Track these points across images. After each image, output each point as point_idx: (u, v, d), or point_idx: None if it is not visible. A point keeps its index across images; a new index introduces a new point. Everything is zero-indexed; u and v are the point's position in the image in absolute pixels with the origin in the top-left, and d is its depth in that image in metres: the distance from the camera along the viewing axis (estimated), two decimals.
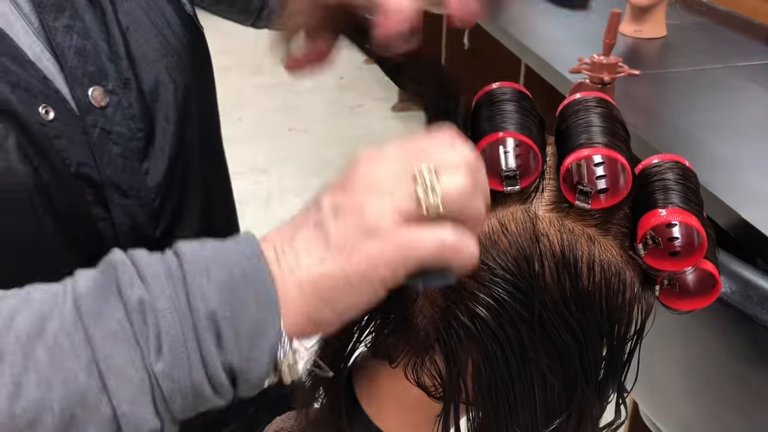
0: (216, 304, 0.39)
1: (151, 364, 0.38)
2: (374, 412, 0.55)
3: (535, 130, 0.47)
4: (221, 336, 0.39)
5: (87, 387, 0.37)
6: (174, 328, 0.38)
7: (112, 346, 0.37)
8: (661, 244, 0.48)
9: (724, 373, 0.96)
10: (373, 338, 0.56)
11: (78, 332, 0.37)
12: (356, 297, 0.41)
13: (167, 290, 0.38)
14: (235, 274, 0.39)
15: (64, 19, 0.55)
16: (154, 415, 0.38)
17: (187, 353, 0.38)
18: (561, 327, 0.47)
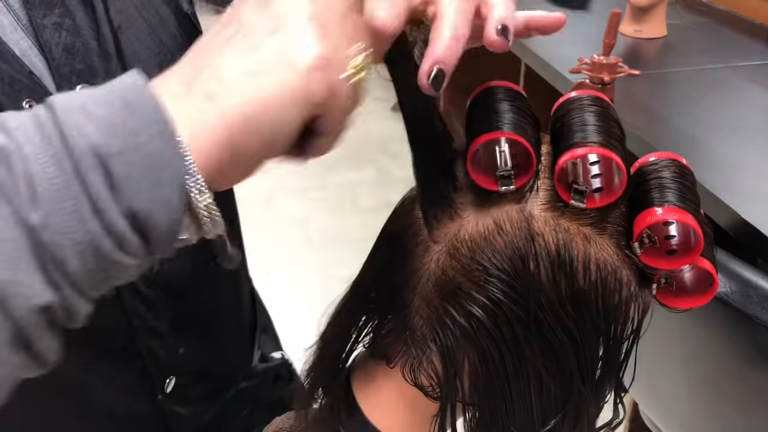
0: (99, 139, 0.32)
1: (26, 217, 0.31)
2: (372, 412, 0.55)
3: (530, 129, 0.47)
4: (111, 174, 0.33)
5: None
6: (49, 172, 0.32)
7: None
8: (657, 243, 0.48)
9: (724, 373, 0.96)
10: (371, 339, 0.56)
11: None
12: (281, 112, 0.36)
13: (36, 137, 0.32)
14: (117, 106, 0.34)
15: (54, 17, 0.55)
16: (44, 284, 0.32)
17: (71, 198, 0.32)
18: (557, 327, 0.47)
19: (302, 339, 0.61)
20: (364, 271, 0.55)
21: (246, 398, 0.81)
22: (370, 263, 0.55)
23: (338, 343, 0.56)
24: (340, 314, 0.56)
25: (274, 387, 0.86)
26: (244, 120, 0.35)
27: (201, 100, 0.35)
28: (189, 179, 0.34)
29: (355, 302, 0.55)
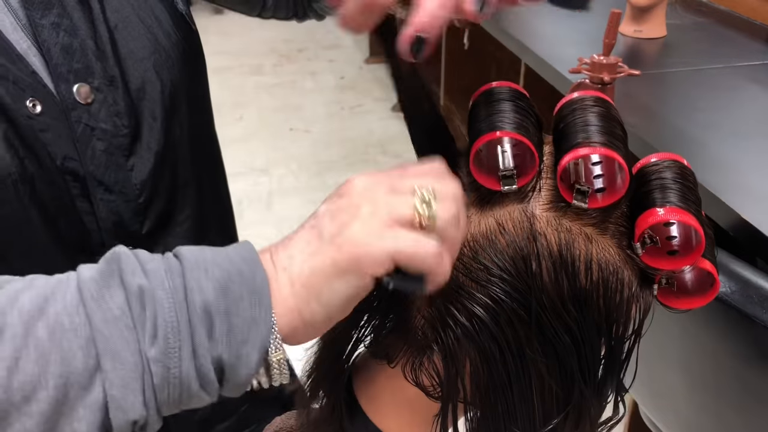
0: (211, 298, 0.40)
1: (145, 350, 0.39)
2: (373, 412, 0.55)
3: (532, 129, 0.47)
4: (214, 328, 0.40)
5: (83, 366, 0.38)
6: (170, 316, 0.39)
7: (110, 328, 0.38)
8: (659, 243, 0.48)
9: (724, 373, 0.96)
10: (372, 338, 0.56)
11: (79, 313, 0.39)
12: (345, 288, 0.42)
13: (166, 282, 0.40)
14: (232, 273, 0.41)
15: (52, 17, 0.55)
16: (141, 404, 0.39)
17: (179, 341, 0.39)
18: (559, 327, 0.47)
19: None
20: None
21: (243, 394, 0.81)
22: None
23: (339, 343, 0.56)
24: None
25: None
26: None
27: (286, 282, 0.42)
28: (271, 340, 0.41)
29: None
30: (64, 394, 0.38)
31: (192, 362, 0.40)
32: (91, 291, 0.39)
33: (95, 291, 0.39)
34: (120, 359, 0.39)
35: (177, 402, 0.41)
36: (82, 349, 0.38)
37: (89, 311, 0.39)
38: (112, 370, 0.38)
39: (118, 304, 0.39)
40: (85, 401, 0.38)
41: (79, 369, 0.38)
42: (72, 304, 0.39)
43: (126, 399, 0.39)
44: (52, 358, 0.38)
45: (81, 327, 0.38)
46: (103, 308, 0.39)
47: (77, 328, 0.38)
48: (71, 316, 0.39)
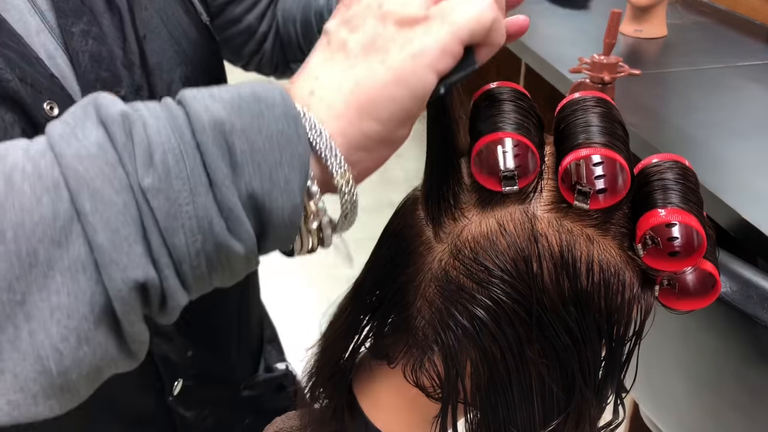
0: (224, 116, 0.32)
1: (138, 181, 0.30)
2: (373, 412, 0.55)
3: (534, 130, 0.47)
4: (233, 150, 0.31)
5: (52, 214, 0.30)
6: (168, 139, 0.31)
7: (86, 164, 0.30)
8: (660, 244, 0.48)
9: (724, 373, 0.96)
10: (372, 339, 0.56)
11: (45, 157, 0.31)
12: (401, 97, 0.35)
13: (161, 113, 0.32)
14: (244, 93, 0.33)
15: (82, 24, 0.55)
16: (145, 256, 0.31)
17: (185, 165, 0.31)
18: (559, 328, 0.47)
19: (303, 339, 0.61)
20: (366, 271, 0.55)
21: (248, 407, 0.81)
22: (371, 263, 0.55)
23: (340, 344, 0.56)
24: (341, 314, 0.56)
25: (277, 397, 0.86)
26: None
27: (320, 104, 0.35)
28: (324, 158, 0.34)
29: (356, 303, 0.55)
30: (29, 252, 0.29)
31: (210, 193, 0.31)
32: (60, 132, 0.31)
33: (64, 131, 0.31)
34: (102, 198, 0.30)
35: (202, 256, 0.32)
36: (49, 192, 0.30)
37: (58, 151, 0.31)
38: (93, 213, 0.30)
39: (94, 139, 0.31)
40: (62, 263, 0.30)
41: (47, 218, 0.30)
42: (37, 150, 0.31)
43: (119, 248, 0.30)
44: (8, 205, 0.29)
45: (47, 169, 0.30)
46: (74, 146, 0.31)
47: (42, 172, 0.30)
48: (35, 160, 0.30)
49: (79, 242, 0.30)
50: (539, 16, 1.92)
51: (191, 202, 0.31)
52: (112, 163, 0.31)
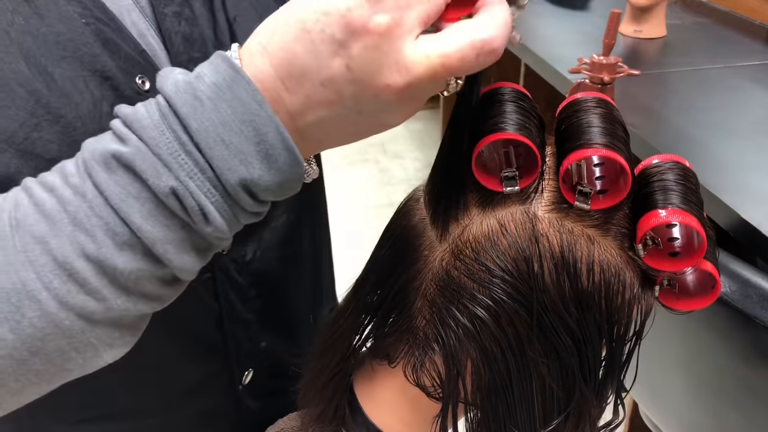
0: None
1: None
2: (373, 411, 0.56)
3: (535, 130, 0.47)
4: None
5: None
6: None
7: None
8: (660, 245, 0.48)
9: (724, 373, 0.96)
10: (373, 338, 0.56)
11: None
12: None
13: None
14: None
15: (174, 6, 0.56)
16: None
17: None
18: (560, 328, 0.47)
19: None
20: (367, 271, 0.55)
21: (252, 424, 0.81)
22: (372, 263, 0.55)
23: (341, 344, 0.56)
24: (342, 314, 0.57)
25: None
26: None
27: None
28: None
29: (357, 302, 0.55)
30: None
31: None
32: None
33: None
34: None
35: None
36: None
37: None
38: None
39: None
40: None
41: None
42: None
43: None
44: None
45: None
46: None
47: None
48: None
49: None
50: (539, 17, 1.92)
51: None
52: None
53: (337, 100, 0.39)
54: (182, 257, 0.41)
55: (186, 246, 0.41)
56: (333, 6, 0.38)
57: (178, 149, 0.38)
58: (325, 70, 0.38)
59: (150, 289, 0.41)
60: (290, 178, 0.41)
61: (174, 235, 0.40)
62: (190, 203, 0.39)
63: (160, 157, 0.38)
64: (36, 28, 0.49)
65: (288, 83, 0.39)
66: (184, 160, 0.39)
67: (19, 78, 0.48)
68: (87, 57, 0.50)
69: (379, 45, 0.37)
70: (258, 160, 0.39)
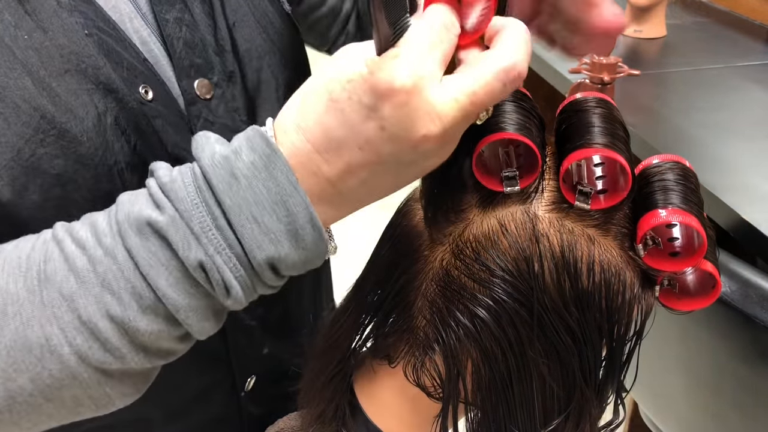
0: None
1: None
2: (374, 411, 0.56)
3: (535, 130, 0.47)
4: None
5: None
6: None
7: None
8: (661, 245, 0.48)
9: (723, 373, 0.96)
10: (373, 338, 0.56)
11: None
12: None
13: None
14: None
15: (175, 12, 0.57)
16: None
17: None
18: (560, 328, 0.47)
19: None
20: (367, 271, 0.55)
21: None
22: (373, 263, 0.55)
23: (341, 344, 0.56)
24: (342, 314, 0.56)
25: None
26: None
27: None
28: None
29: (357, 302, 0.55)
30: None
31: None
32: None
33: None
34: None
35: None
36: None
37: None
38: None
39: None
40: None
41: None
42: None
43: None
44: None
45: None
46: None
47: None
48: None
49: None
50: None
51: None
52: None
53: (377, 161, 0.40)
54: (202, 324, 0.43)
55: (208, 314, 0.43)
56: (355, 72, 0.39)
57: (210, 224, 0.40)
58: (361, 135, 0.39)
59: (167, 346, 0.43)
60: (314, 256, 0.43)
61: (197, 303, 0.42)
62: (215, 277, 0.41)
63: (192, 230, 0.40)
64: (39, 42, 0.49)
65: (326, 155, 0.40)
66: (214, 235, 0.40)
67: (24, 94, 0.48)
68: (90, 70, 0.50)
69: (408, 101, 0.38)
70: (287, 240, 0.41)
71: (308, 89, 0.42)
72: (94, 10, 0.51)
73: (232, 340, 0.65)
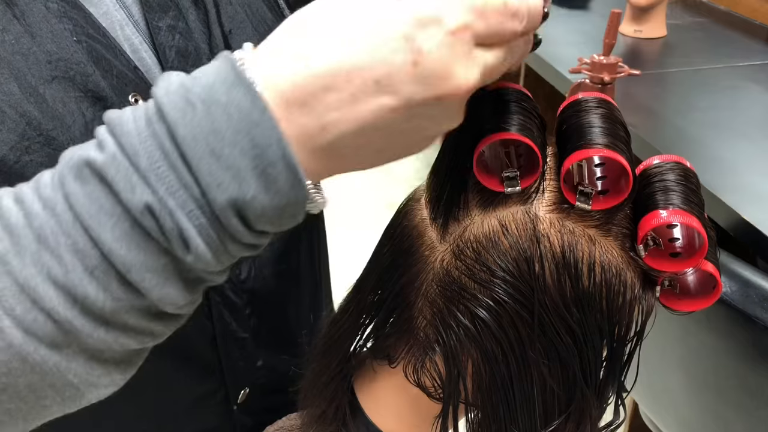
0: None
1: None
2: (374, 411, 0.56)
3: (536, 130, 0.47)
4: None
5: None
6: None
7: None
8: (661, 245, 0.48)
9: (724, 373, 0.96)
10: (373, 339, 0.56)
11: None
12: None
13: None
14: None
15: (168, 19, 0.55)
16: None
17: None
18: (561, 328, 0.47)
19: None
20: (368, 271, 0.55)
21: None
22: (373, 263, 0.55)
23: (341, 344, 0.56)
24: (343, 314, 0.56)
25: None
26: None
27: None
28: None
29: (358, 303, 0.55)
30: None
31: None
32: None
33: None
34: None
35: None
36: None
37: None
38: None
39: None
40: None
41: None
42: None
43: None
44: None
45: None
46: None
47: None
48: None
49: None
50: None
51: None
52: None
53: (390, 103, 0.33)
54: (164, 288, 0.35)
55: (168, 275, 0.35)
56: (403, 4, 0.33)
57: (161, 159, 0.33)
58: (384, 64, 0.33)
59: (133, 322, 0.36)
60: (291, 203, 0.35)
61: (152, 261, 0.34)
62: (167, 224, 0.33)
63: (138, 167, 0.33)
64: (27, 47, 0.47)
65: (326, 79, 0.33)
66: (164, 172, 0.33)
67: (11, 99, 0.46)
68: (79, 77, 0.49)
69: (454, 42, 0.33)
70: (254, 177, 0.33)
71: (321, 4, 0.35)
72: (84, 16, 0.50)
73: (224, 351, 0.65)
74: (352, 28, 0.33)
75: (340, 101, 0.33)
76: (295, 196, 0.35)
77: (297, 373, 0.61)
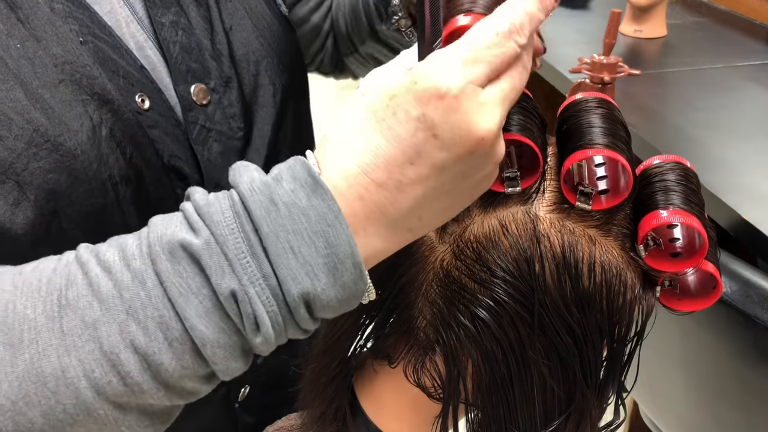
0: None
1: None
2: (374, 412, 0.56)
3: (537, 130, 0.47)
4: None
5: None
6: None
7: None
8: (662, 245, 0.48)
9: (724, 373, 0.96)
10: (373, 339, 0.56)
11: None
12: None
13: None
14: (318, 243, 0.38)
15: (171, 15, 0.55)
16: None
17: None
18: (561, 328, 0.47)
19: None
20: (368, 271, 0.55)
21: None
22: None
23: (341, 344, 0.56)
24: (343, 315, 0.56)
25: None
26: None
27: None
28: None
29: None
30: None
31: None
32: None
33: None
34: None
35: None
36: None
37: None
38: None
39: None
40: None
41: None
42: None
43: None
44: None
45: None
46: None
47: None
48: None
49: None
50: None
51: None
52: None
53: (430, 174, 0.38)
54: (229, 363, 0.39)
55: (236, 353, 0.39)
56: (397, 86, 0.37)
57: (246, 251, 0.37)
58: (412, 148, 0.37)
59: (190, 386, 0.40)
60: (352, 296, 0.40)
61: (226, 339, 0.38)
62: (246, 309, 0.38)
63: (227, 256, 0.37)
64: (32, 51, 0.47)
65: (374, 175, 0.38)
66: (249, 263, 0.37)
67: (17, 106, 0.46)
68: (85, 80, 0.49)
69: (459, 105, 0.36)
70: (324, 274, 0.38)
71: (349, 118, 0.40)
72: (90, 15, 0.50)
73: None
74: (377, 128, 0.38)
75: (391, 188, 0.38)
76: (357, 288, 0.39)
77: (297, 372, 0.61)
